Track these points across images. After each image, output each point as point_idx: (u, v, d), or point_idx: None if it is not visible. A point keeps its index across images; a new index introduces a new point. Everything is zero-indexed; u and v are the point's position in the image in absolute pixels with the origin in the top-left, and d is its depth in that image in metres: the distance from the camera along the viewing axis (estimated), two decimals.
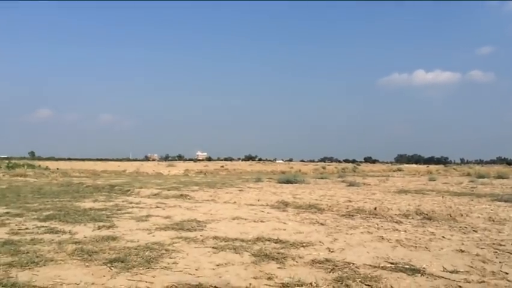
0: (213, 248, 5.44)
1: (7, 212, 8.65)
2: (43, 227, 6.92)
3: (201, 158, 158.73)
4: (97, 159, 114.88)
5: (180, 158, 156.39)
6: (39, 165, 38.23)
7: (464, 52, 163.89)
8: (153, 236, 6.27)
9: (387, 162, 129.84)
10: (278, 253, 5.13)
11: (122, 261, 4.62)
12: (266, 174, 33.71)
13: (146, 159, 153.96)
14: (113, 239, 5.95)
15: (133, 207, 9.94)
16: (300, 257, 4.95)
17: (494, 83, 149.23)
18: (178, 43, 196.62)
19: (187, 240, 5.91)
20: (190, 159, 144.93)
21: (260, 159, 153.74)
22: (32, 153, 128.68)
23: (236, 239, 5.98)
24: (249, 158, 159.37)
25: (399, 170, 47.87)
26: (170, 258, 4.87)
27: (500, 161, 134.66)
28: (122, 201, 11.19)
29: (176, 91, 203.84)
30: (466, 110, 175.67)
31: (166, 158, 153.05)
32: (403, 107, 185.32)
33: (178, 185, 17.47)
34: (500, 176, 27.10)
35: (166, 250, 5.25)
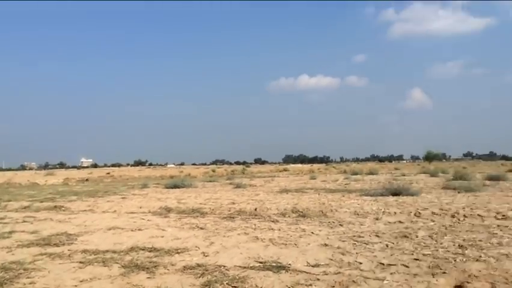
0: (80, 262, 5.13)
1: None
2: None
3: (85, 165, 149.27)
4: None
5: (62, 165, 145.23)
6: None
7: (342, 59, 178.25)
8: (12, 254, 5.71)
9: (275, 163, 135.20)
10: (150, 262, 5.02)
11: None
12: (154, 179, 32.86)
13: (23, 168, 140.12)
14: None
15: None
16: (172, 265, 4.90)
17: (368, 87, 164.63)
18: (52, 43, 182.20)
19: (51, 257, 5.49)
20: (74, 167, 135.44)
21: (151, 164, 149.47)
22: None
23: (107, 251, 5.72)
24: (139, 163, 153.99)
25: (285, 170, 50.19)
26: (28, 277, 4.48)
27: (374, 158, 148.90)
28: None
29: (59, 92, 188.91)
30: (344, 112, 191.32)
31: (45, 167, 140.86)
32: (290, 109, 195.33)
33: (54, 195, 16.18)
34: (371, 173, 29.89)
35: (24, 269, 4.81)
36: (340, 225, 7.44)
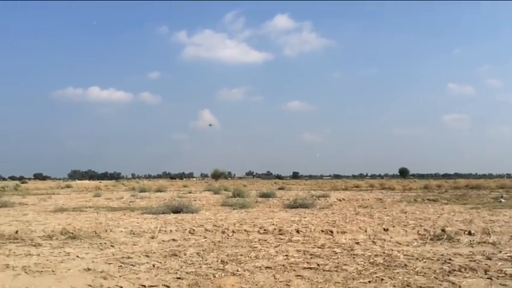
0: None
1: None
2: None
3: None
4: None
5: None
6: None
7: (137, 75, 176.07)
8: None
9: (60, 179, 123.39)
10: None
11: None
12: None
13: None
14: None
15: None
16: None
17: (161, 104, 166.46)
18: None
19: None
20: None
21: None
22: None
23: None
24: None
25: (68, 186, 46.16)
26: None
27: (165, 175, 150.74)
28: None
29: None
30: (137, 128, 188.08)
31: None
32: (78, 122, 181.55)
33: None
34: (159, 190, 30.04)
35: None
36: (112, 246, 7.08)
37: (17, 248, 6.99)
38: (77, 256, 6.21)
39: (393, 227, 8.75)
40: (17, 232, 8.43)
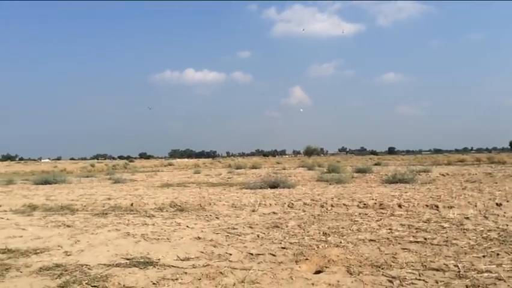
0: None
1: None
2: None
3: None
4: None
5: None
6: None
7: (228, 55, 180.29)
8: None
9: (161, 158, 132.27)
10: (1, 265, 4.48)
11: None
12: (24, 175, 29.94)
13: None
14: None
15: None
16: (27, 266, 4.43)
17: (252, 83, 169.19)
18: None
19: None
20: None
21: (21, 159, 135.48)
22: None
23: None
24: (7, 158, 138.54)
25: (170, 164, 49.35)
26: None
27: (258, 152, 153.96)
28: None
29: None
30: (230, 107, 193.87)
31: None
32: (176, 103, 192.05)
33: None
34: (254, 167, 30.86)
35: None
36: (216, 218, 7.47)
37: (134, 218, 7.68)
38: (187, 226, 6.67)
39: (508, 201, 8.08)
40: (132, 205, 9.27)
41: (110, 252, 5.02)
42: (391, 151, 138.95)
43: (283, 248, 5.02)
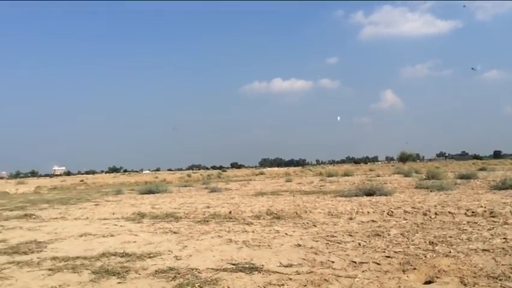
0: (49, 270, 4.99)
1: None
2: None
3: (58, 173, 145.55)
4: None
5: (34, 174, 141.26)
6: None
7: (315, 62, 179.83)
8: None
9: (252, 167, 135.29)
10: (121, 267, 4.93)
11: None
12: (129, 185, 32.42)
13: None
14: None
15: None
16: (144, 269, 4.82)
17: (340, 89, 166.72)
18: (22, 51, 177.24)
19: (19, 265, 5.32)
20: (46, 175, 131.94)
21: (125, 171, 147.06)
22: None
23: (78, 257, 5.58)
24: (113, 170, 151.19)
25: (261, 173, 50.21)
26: None
27: (349, 160, 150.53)
28: None
29: (28, 100, 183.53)
30: (318, 114, 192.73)
31: (16, 175, 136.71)
32: (265, 112, 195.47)
33: (24, 204, 15.75)
34: (346, 174, 30.26)
35: None
36: (314, 225, 7.47)
37: (234, 225, 7.96)
38: (286, 233, 6.76)
39: None
40: (230, 213, 9.60)
41: (216, 258, 5.26)
42: (497, 155, 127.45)
43: (388, 256, 4.87)
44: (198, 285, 4.01)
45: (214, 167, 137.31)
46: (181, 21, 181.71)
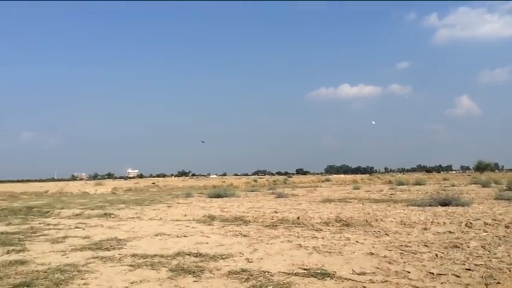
0: (130, 265, 5.30)
1: None
2: None
3: (131, 176, 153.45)
4: (18, 181, 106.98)
5: (110, 176, 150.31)
6: None
7: (385, 67, 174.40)
8: (67, 257, 5.99)
9: (317, 173, 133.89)
10: (196, 266, 5.12)
11: (28, 286, 4.37)
12: (198, 189, 33.41)
13: (73, 178, 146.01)
14: (22, 262, 5.61)
15: (50, 229, 9.42)
16: (217, 269, 4.97)
17: (411, 95, 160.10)
18: (100, 58, 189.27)
19: (103, 260, 5.71)
20: (121, 177, 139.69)
21: (194, 175, 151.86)
22: None
23: (155, 255, 5.88)
24: (182, 174, 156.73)
25: (327, 180, 49.57)
26: (82, 279, 4.68)
27: (420, 168, 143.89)
28: (39, 224, 10.55)
29: (105, 108, 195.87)
30: (387, 121, 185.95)
31: (94, 177, 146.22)
32: (331, 119, 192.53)
33: (103, 204, 16.80)
34: (418, 183, 29.00)
35: (78, 271, 5.03)
36: (386, 234, 7.27)
37: (303, 231, 7.95)
38: (357, 241, 6.64)
39: None
40: (298, 218, 9.60)
41: (287, 262, 5.29)
42: None
43: (468, 269, 4.63)
44: None
45: (279, 173, 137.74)
46: (248, 28, 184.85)
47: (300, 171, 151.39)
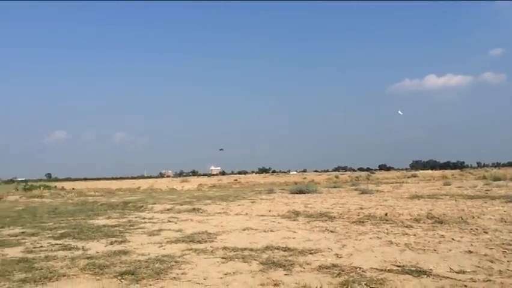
0: (222, 258, 5.52)
1: (23, 232, 8.84)
2: (57, 244, 7.07)
3: (214, 173, 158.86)
4: (112, 178, 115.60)
5: (194, 173, 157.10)
6: (55, 186, 38.71)
7: (476, 55, 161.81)
8: (164, 249, 6.37)
9: (402, 169, 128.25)
10: (286, 260, 5.19)
11: (132, 274, 4.72)
12: (279, 185, 33.69)
13: (161, 175, 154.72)
14: (125, 253, 6.07)
15: (145, 222, 10.08)
16: (307, 264, 5.00)
17: (506, 83, 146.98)
18: (188, 61, 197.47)
19: (196, 252, 6.00)
20: (204, 174, 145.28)
21: (274, 171, 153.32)
22: (48, 175, 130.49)
23: (245, 249, 6.05)
24: (263, 171, 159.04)
25: (414, 176, 47.33)
26: (180, 269, 4.96)
27: None
28: (135, 217, 11.33)
29: (189, 107, 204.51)
30: (479, 112, 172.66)
31: (180, 174, 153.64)
32: (416, 112, 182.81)
33: (191, 199, 17.59)
34: None
35: (175, 262, 5.34)
36: (485, 232, 6.80)
37: (392, 228, 7.71)
38: (452, 239, 6.30)
39: None
40: (386, 214, 9.31)
41: (378, 258, 5.17)
42: None
43: None
44: (365, 284, 4.01)
45: (361, 169, 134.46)
46: (328, 23, 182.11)
47: (383, 167, 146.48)
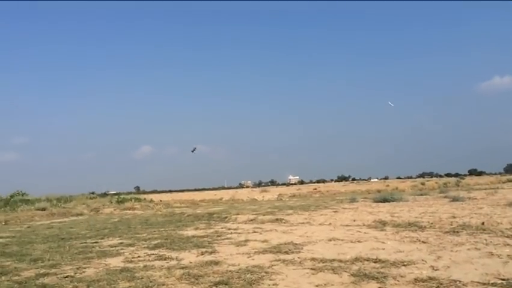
0: (311, 269, 5.52)
1: (121, 243, 9.51)
2: (153, 254, 7.52)
3: (293, 182, 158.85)
4: (195, 190, 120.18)
5: (273, 183, 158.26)
6: (145, 198, 41.09)
7: None
8: (252, 259, 6.51)
9: (495, 174, 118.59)
10: (378, 272, 5.06)
11: (226, 284, 4.89)
12: (361, 193, 32.87)
13: (241, 186, 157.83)
14: (216, 263, 6.29)
15: (231, 233, 10.35)
16: (401, 276, 4.83)
17: None
18: (262, 69, 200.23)
19: (285, 263, 6.05)
20: (283, 184, 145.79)
21: (354, 179, 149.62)
22: (137, 188, 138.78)
23: (334, 260, 5.99)
24: (342, 179, 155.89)
25: (509, 181, 43.64)
26: (271, 280, 5.04)
27: None
28: (221, 228, 11.69)
29: (265, 119, 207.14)
30: None
31: (259, 184, 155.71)
32: (509, 112, 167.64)
33: (272, 209, 17.75)
34: None
35: (265, 272, 5.44)
36: None
37: (491, 238, 7.19)
38: None
39: None
40: (483, 224, 8.71)
41: (479, 271, 4.86)
42: None
43: None
44: None
45: (448, 175, 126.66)
46: (404, 22, 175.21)
47: (474, 172, 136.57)
